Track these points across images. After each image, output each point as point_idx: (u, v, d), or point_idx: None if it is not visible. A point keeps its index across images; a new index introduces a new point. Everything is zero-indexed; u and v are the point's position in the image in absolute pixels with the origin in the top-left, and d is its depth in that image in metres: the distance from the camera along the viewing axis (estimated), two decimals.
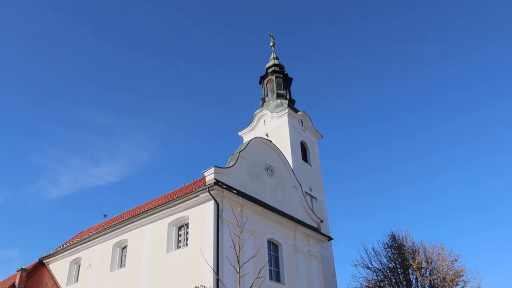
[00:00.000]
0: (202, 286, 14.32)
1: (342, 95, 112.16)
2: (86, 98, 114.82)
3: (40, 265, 32.99)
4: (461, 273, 34.16)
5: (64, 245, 32.51)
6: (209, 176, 23.17)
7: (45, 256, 33.29)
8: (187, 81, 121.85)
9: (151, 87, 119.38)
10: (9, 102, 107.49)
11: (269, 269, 24.38)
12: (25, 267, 29.33)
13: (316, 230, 29.87)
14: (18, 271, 28.53)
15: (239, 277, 9.99)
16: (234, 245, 10.64)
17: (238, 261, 10.14)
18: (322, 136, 39.35)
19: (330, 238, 31.82)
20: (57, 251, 32.44)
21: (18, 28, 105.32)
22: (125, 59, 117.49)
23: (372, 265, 37.62)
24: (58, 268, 32.10)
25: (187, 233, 23.84)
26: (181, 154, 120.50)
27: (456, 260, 34.82)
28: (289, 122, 35.36)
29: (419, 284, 35.17)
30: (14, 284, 27.77)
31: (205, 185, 22.81)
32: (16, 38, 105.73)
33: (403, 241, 37.36)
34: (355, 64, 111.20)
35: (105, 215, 35.18)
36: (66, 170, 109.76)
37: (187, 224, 24.11)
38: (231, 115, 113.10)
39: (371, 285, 38.22)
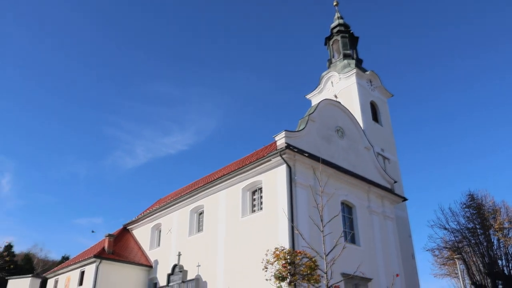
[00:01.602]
0: (281, 247, 14.57)
1: (411, 50, 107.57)
2: (152, 70, 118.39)
3: (125, 231, 35.12)
4: None
5: (145, 212, 34.27)
6: (280, 140, 23.24)
7: (129, 223, 35.33)
8: (251, 47, 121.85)
9: (215, 56, 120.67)
10: (83, 79, 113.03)
11: (344, 231, 24.32)
12: (111, 233, 31.35)
13: (390, 190, 29.32)
14: (106, 237, 30.56)
15: (323, 236, 10.04)
16: (317, 205, 10.63)
17: (322, 220, 10.17)
18: (393, 95, 38.09)
19: (404, 199, 31.12)
20: (139, 218, 34.29)
21: (88, 8, 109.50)
22: (188, 28, 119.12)
23: (449, 225, 36.66)
24: (141, 233, 34.01)
25: (261, 197, 24.26)
26: (249, 120, 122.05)
27: None
28: (357, 82, 34.47)
29: (502, 245, 33.79)
30: (104, 248, 29.84)
31: (276, 149, 22.93)
32: (88, 16, 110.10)
33: (482, 201, 35.93)
34: (421, 18, 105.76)
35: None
36: (139, 141, 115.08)
37: (260, 189, 24.51)
38: (297, 79, 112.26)
39: (449, 246, 37.27)
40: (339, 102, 29.49)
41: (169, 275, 26.79)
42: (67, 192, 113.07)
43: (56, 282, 33.73)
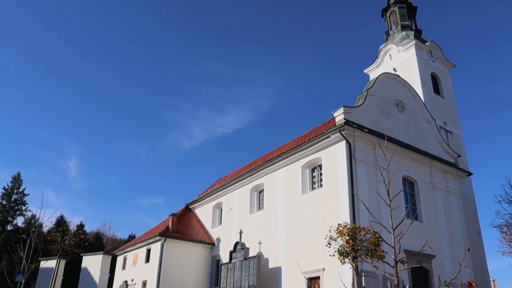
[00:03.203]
0: (345, 223, 14.57)
1: (474, 17, 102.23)
2: (206, 51, 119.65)
3: (187, 210, 36.24)
4: None
5: (206, 192, 35.14)
6: (339, 116, 23.03)
7: (191, 202, 36.41)
8: (306, 22, 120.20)
9: (268, 33, 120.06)
10: (138, 63, 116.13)
11: (405, 207, 23.89)
12: (175, 212, 32.44)
13: (453, 165, 28.38)
14: (170, 216, 31.69)
15: (390, 211, 9.95)
16: (384, 179, 10.51)
17: (389, 195, 10.06)
18: (455, 66, 36.61)
19: (469, 173, 30.00)
20: (200, 197, 35.23)
21: None
22: (240, 8, 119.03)
23: None
24: (203, 212, 34.98)
25: (321, 174, 24.25)
26: (306, 98, 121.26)
27: None
28: (417, 54, 33.38)
29: None
30: (168, 227, 30.99)
31: (335, 125, 22.74)
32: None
33: None
34: None
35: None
36: (195, 122, 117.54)
37: (320, 166, 24.48)
38: (354, 54, 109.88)
39: None
40: (399, 75, 28.67)
41: (231, 253, 27.42)
42: (129, 173, 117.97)
43: (125, 259, 35.52)
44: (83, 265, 40.33)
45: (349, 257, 14.14)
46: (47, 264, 34.80)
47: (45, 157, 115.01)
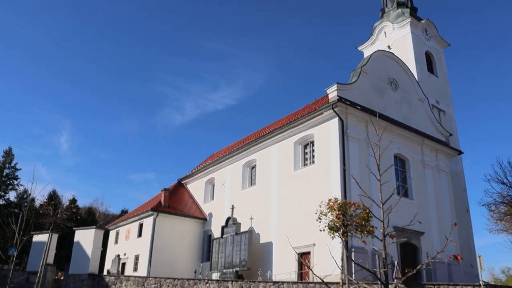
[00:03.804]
0: (335, 198, 14.71)
1: None
2: (198, 25, 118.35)
3: (179, 185, 36.38)
4: None
5: (199, 167, 35.22)
6: (332, 93, 23.02)
7: (183, 178, 36.53)
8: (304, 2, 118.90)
9: (261, 4, 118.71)
10: (130, 36, 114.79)
11: (396, 183, 24.07)
12: (167, 188, 32.54)
13: (445, 144, 28.61)
14: (162, 191, 31.79)
15: (380, 185, 10.06)
16: (374, 154, 10.59)
17: (379, 170, 10.15)
18: (449, 45, 36.52)
19: (460, 152, 30.27)
20: (193, 173, 35.33)
21: None
22: None
23: (507, 180, 35.23)
24: (195, 187, 35.14)
25: (313, 150, 24.35)
26: (299, 73, 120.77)
27: None
28: (412, 32, 33.24)
29: None
30: (160, 202, 31.14)
31: (328, 102, 22.75)
32: None
33: None
34: None
35: None
36: (188, 97, 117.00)
37: (312, 142, 24.58)
38: (348, 30, 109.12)
39: (506, 201, 36.08)
40: (393, 53, 28.59)
41: (223, 228, 27.64)
42: (121, 149, 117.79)
43: (117, 233, 35.76)
44: (75, 239, 40.39)
45: (339, 231, 14.33)
46: (40, 238, 34.90)
47: (37, 132, 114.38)
